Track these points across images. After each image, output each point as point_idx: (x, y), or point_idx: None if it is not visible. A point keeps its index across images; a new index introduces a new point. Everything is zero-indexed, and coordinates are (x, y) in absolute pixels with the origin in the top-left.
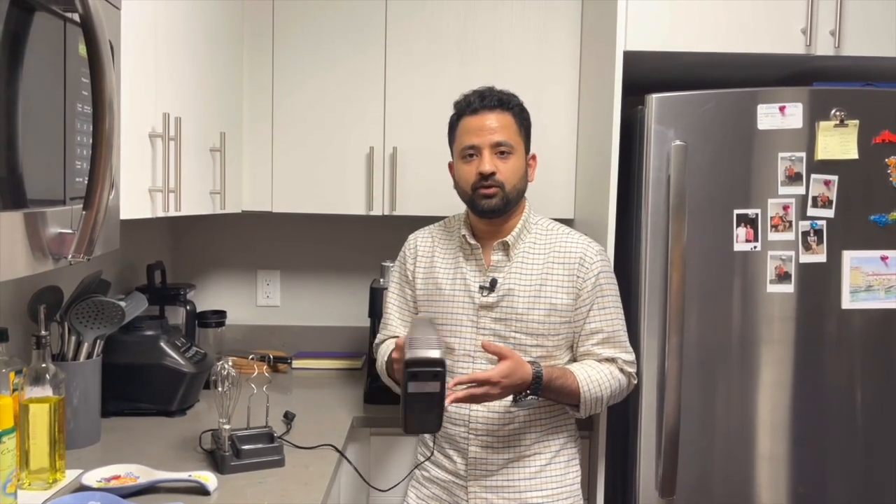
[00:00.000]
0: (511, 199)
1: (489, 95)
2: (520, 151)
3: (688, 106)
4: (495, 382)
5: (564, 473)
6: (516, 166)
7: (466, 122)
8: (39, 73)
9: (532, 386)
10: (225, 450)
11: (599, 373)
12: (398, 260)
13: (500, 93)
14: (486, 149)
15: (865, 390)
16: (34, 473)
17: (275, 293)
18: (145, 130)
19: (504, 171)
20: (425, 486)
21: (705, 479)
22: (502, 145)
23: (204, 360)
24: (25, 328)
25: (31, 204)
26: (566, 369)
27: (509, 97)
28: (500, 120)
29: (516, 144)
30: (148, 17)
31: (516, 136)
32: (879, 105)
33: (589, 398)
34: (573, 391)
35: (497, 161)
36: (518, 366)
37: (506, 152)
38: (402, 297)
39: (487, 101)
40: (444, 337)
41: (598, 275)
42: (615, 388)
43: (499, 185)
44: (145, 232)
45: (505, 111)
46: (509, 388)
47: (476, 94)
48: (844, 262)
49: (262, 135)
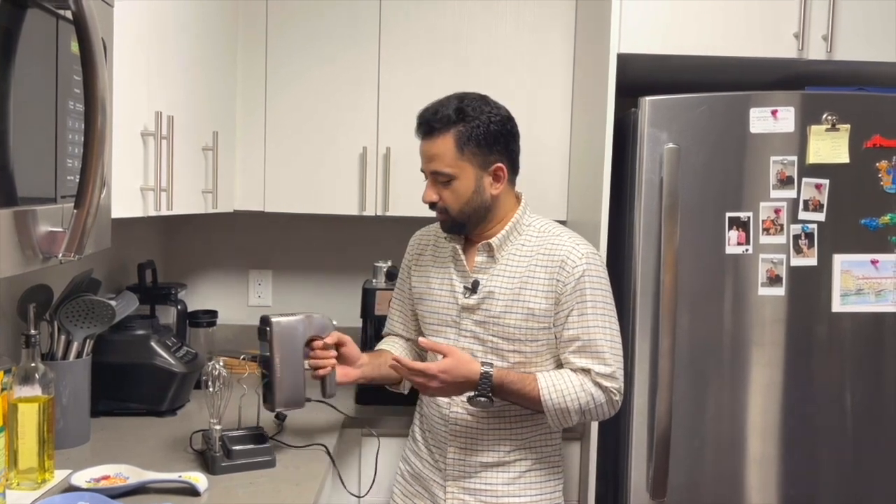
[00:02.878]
0: (462, 220)
1: (421, 121)
2: (464, 174)
3: (681, 109)
4: (431, 375)
5: (545, 480)
6: (460, 191)
7: (419, 145)
8: (31, 70)
9: (479, 386)
10: (216, 450)
11: (566, 382)
12: (405, 257)
13: (435, 114)
14: (428, 176)
15: (855, 393)
16: (23, 473)
17: (266, 293)
18: (137, 129)
19: (446, 198)
20: (408, 482)
21: (696, 481)
22: (439, 174)
23: (195, 359)
24: (15, 327)
25: (22, 202)
26: (527, 375)
27: (444, 117)
28: (437, 147)
29: (455, 169)
30: (141, 14)
31: (454, 161)
32: (871, 109)
33: (552, 407)
34: (534, 398)
35: (440, 188)
36: (460, 364)
37: (445, 181)
38: (402, 294)
39: (421, 129)
40: (429, 337)
41: (579, 279)
42: (585, 402)
43: (443, 211)
44: (136, 230)
45: (440, 135)
46: (451, 385)
47: (417, 119)
48: (835, 265)
49: (254, 134)
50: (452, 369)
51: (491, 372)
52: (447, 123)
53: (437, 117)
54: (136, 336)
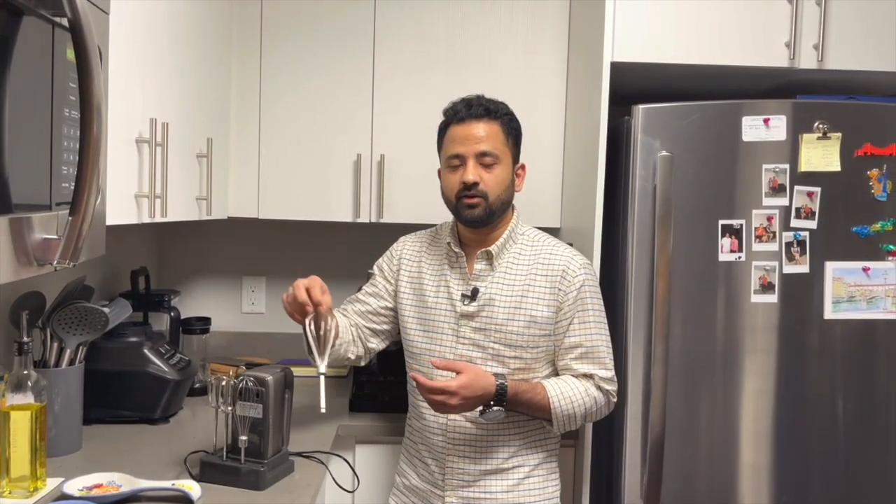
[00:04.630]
0: (495, 209)
1: (476, 104)
2: (506, 161)
3: (674, 117)
4: (452, 392)
5: (543, 487)
6: (501, 176)
7: (453, 131)
8: (27, 77)
9: (496, 398)
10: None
11: (573, 389)
12: (385, 255)
13: (488, 101)
14: (470, 158)
15: (847, 400)
16: (15, 481)
17: (260, 300)
18: (132, 136)
19: (488, 182)
20: (405, 494)
21: (690, 488)
22: (487, 155)
23: (188, 367)
24: (7, 334)
25: (17, 209)
26: (536, 383)
27: (497, 106)
28: (487, 129)
29: (502, 154)
30: (136, 22)
31: (502, 146)
32: (862, 118)
33: (560, 414)
34: (543, 406)
35: (481, 171)
36: (477, 377)
37: (490, 163)
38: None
39: (474, 111)
40: (426, 345)
41: (580, 288)
42: (590, 406)
43: (482, 195)
44: (130, 237)
45: (492, 120)
46: (471, 400)
47: (463, 103)
48: (827, 272)
49: (249, 141)
50: (472, 384)
51: (506, 383)
52: (499, 112)
53: (490, 104)
54: (129, 343)
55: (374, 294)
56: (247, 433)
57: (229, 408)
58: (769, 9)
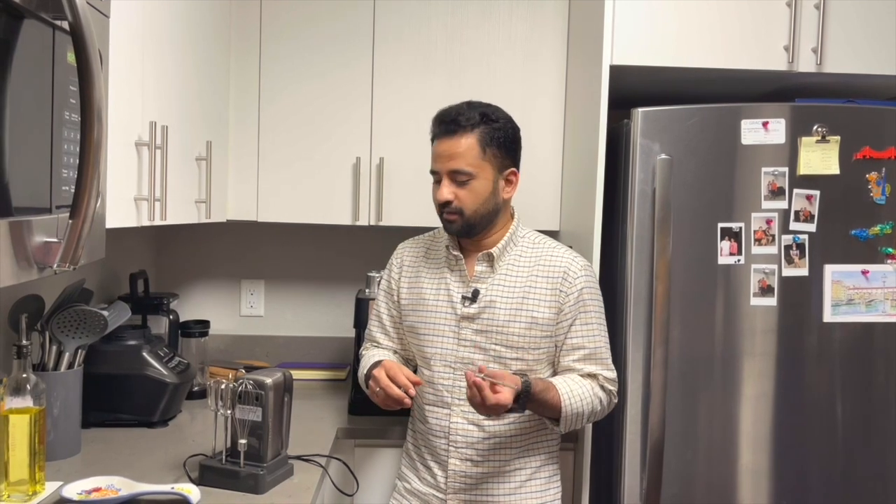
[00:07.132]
0: (474, 223)
1: (447, 120)
2: (483, 174)
3: (673, 120)
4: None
5: (545, 489)
6: (478, 190)
7: (433, 146)
8: (27, 80)
9: (520, 396)
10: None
11: (581, 388)
12: (386, 270)
13: (461, 115)
14: (444, 176)
15: (846, 403)
16: (13, 485)
17: (259, 303)
18: (132, 139)
19: (463, 198)
20: (406, 497)
21: (689, 491)
22: (459, 173)
23: (187, 370)
24: (6, 337)
25: (17, 212)
26: (550, 382)
27: (471, 118)
28: (461, 145)
29: (477, 168)
30: (136, 25)
31: (477, 160)
32: (860, 121)
33: (570, 413)
34: (555, 405)
35: (455, 188)
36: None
37: (464, 180)
38: (387, 306)
39: (444, 127)
40: (426, 347)
41: (581, 290)
42: (596, 405)
43: (457, 211)
44: (129, 240)
45: (466, 133)
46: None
47: (437, 119)
48: (826, 275)
49: (248, 144)
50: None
51: (531, 382)
52: (473, 123)
53: (462, 117)
54: (127, 346)
55: (385, 333)
56: (246, 436)
57: (228, 411)
58: (768, 12)
